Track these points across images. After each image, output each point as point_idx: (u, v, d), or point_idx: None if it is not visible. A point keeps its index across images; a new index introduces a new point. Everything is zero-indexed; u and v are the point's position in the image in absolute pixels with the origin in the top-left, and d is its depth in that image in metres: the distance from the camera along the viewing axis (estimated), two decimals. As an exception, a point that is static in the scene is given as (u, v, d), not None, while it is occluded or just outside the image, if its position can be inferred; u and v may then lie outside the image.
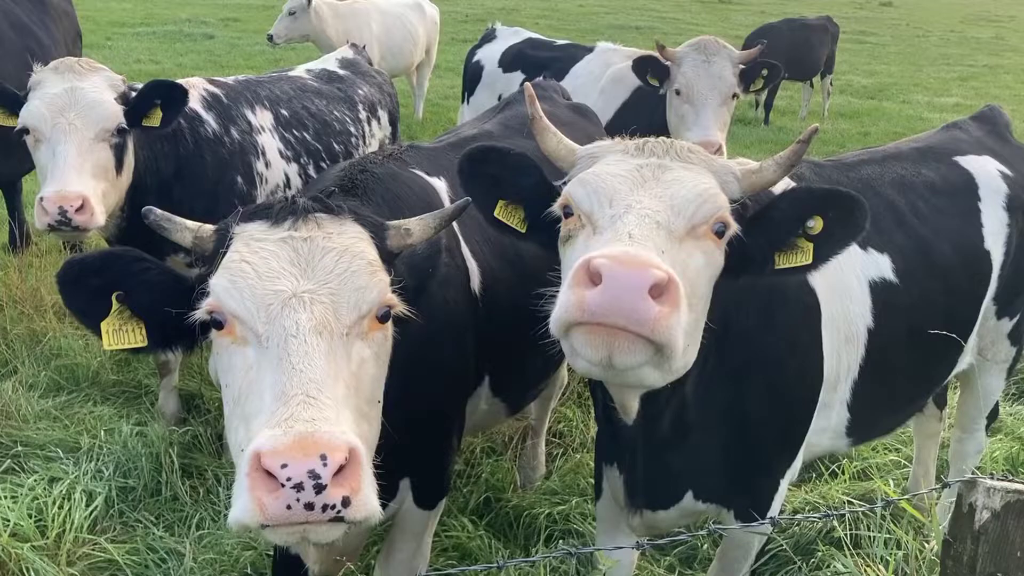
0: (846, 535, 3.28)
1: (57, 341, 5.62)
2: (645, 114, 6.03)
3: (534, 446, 4.93)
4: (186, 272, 2.49)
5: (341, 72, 6.05)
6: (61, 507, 4.00)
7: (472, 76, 7.75)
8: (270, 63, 15.41)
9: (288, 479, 1.87)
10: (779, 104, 16.42)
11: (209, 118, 4.79)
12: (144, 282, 2.38)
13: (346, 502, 1.92)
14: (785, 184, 2.82)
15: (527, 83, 2.96)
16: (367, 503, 1.97)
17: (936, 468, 4.71)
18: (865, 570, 2.84)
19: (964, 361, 3.97)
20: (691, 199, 2.42)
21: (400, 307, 2.35)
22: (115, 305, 2.37)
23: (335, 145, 5.46)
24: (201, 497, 4.40)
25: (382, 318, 2.31)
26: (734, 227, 2.51)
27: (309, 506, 1.88)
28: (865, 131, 14.05)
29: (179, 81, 4.89)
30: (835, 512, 2.76)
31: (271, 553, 3.49)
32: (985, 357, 4.09)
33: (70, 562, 3.79)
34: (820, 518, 2.69)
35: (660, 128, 5.74)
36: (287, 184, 5.08)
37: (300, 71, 5.97)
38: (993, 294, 3.85)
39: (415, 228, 2.54)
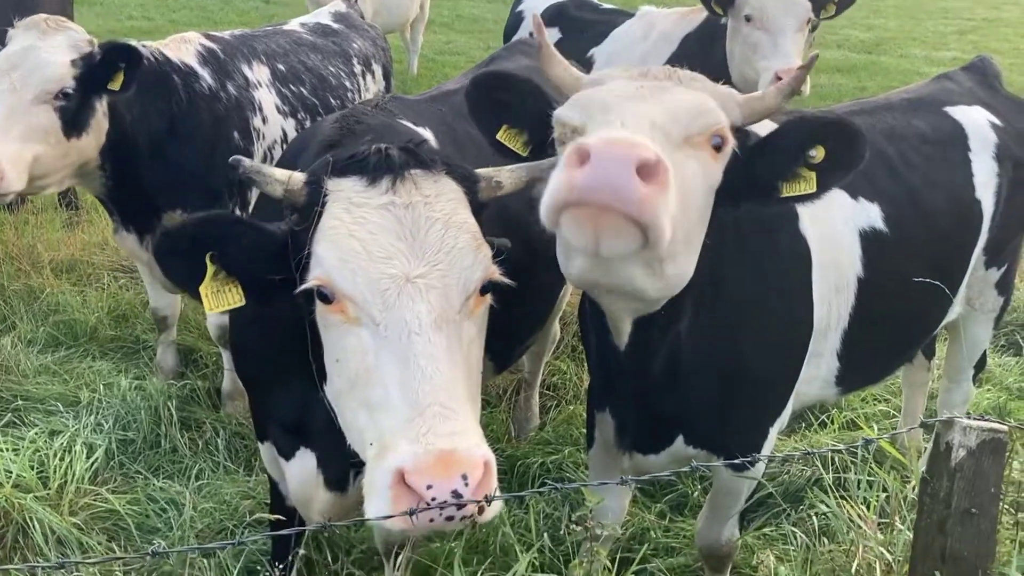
0: (830, 479, 3.35)
1: (55, 297, 5.66)
2: (697, 62, 5.87)
3: (527, 398, 4.99)
4: (275, 228, 2.46)
5: (335, 26, 6.02)
6: (62, 459, 4.06)
7: (511, 26, 7.57)
8: (263, 19, 15.29)
9: (433, 499, 1.98)
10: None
11: (205, 73, 4.76)
12: (238, 243, 2.39)
13: (481, 510, 2.04)
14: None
15: (534, 13, 2.93)
16: (497, 506, 2.10)
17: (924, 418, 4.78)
18: (848, 510, 2.92)
19: (953, 311, 4.01)
20: (688, 109, 2.42)
21: (499, 276, 2.37)
22: (210, 268, 2.39)
23: (331, 100, 5.45)
24: (200, 449, 4.47)
25: (483, 290, 2.34)
26: (732, 142, 2.51)
27: (449, 519, 2.02)
28: (862, 86, 13.98)
29: (175, 36, 4.88)
30: (815, 452, 2.82)
31: (268, 502, 3.56)
32: (973, 307, 4.13)
33: (72, 512, 3.86)
34: (800, 457, 2.75)
35: (715, 72, 5.56)
36: (284, 140, 5.08)
37: (294, 25, 5.94)
38: (983, 245, 3.89)
39: (506, 180, 2.55)
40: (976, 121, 3.86)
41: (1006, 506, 2.63)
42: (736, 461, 2.86)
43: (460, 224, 2.33)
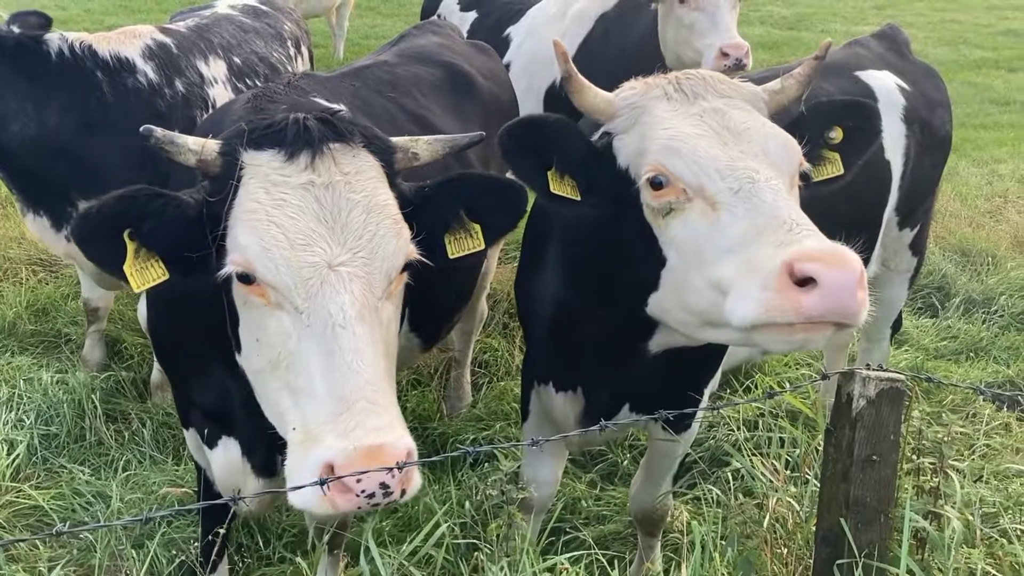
0: (743, 438, 3.42)
1: (-30, 294, 5.52)
2: (614, 43, 5.80)
3: (458, 376, 5.00)
4: (188, 197, 2.40)
5: (263, 7, 5.88)
6: (-20, 457, 3.98)
7: (428, 10, 7.42)
8: (182, 3, 14.94)
9: (362, 491, 2.06)
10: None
11: (147, 69, 4.58)
12: (156, 218, 2.33)
13: (403, 493, 2.12)
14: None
15: (556, 40, 2.79)
16: (416, 486, 2.17)
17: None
18: (761, 467, 2.99)
19: (868, 271, 4.11)
20: (782, 152, 2.47)
21: (417, 255, 2.38)
22: (130, 246, 2.33)
23: None
24: (127, 440, 4.41)
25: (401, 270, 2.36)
26: (807, 166, 2.58)
27: (376, 505, 2.11)
28: (784, 61, 14.19)
29: (127, 28, 4.71)
30: (719, 407, 2.89)
31: (196, 490, 3.52)
32: (888, 267, 4.25)
33: (-8, 510, 3.79)
34: (708, 409, 2.81)
35: (634, 52, 5.53)
36: None
37: (225, 8, 5.74)
38: (894, 205, 3.99)
39: (422, 152, 2.55)
40: (885, 84, 3.96)
41: (906, 453, 2.72)
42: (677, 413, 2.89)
43: (381, 207, 2.33)
